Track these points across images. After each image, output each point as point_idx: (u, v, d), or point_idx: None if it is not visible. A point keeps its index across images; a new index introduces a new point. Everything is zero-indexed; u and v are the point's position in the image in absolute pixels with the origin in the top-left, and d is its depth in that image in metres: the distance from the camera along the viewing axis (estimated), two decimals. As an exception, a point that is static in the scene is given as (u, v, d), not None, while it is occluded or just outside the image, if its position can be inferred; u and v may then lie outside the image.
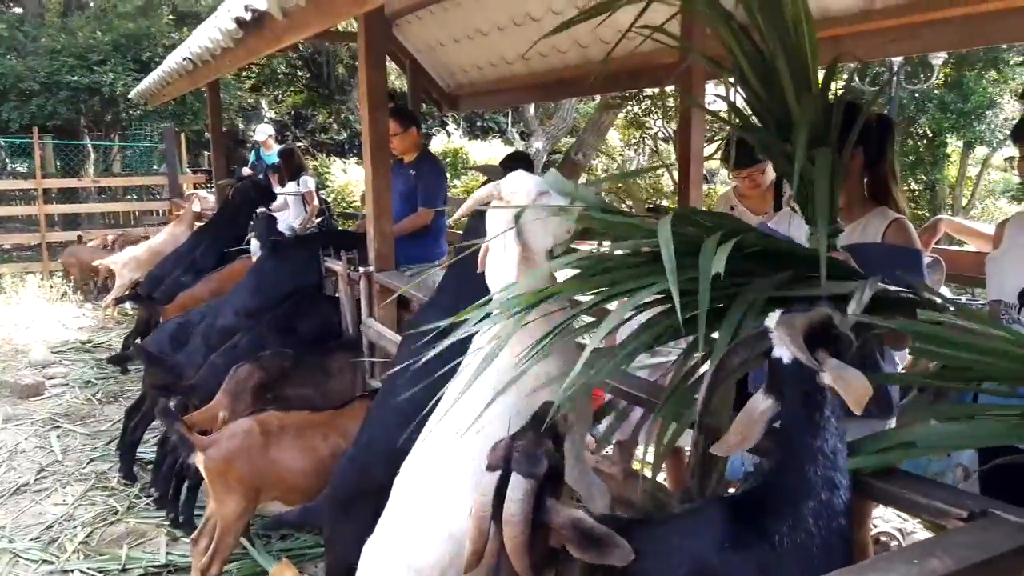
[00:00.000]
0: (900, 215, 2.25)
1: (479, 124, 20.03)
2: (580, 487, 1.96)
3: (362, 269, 3.88)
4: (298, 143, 16.12)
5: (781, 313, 1.39)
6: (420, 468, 2.07)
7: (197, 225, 7.33)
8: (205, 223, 6.99)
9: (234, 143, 15.49)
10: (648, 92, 11.41)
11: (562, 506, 1.39)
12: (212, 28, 4.68)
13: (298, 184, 7.14)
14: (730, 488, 1.96)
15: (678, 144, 4.53)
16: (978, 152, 15.00)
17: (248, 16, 3.78)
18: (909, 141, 13.49)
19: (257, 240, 4.93)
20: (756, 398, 1.40)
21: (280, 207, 6.94)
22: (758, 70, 1.82)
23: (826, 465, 1.31)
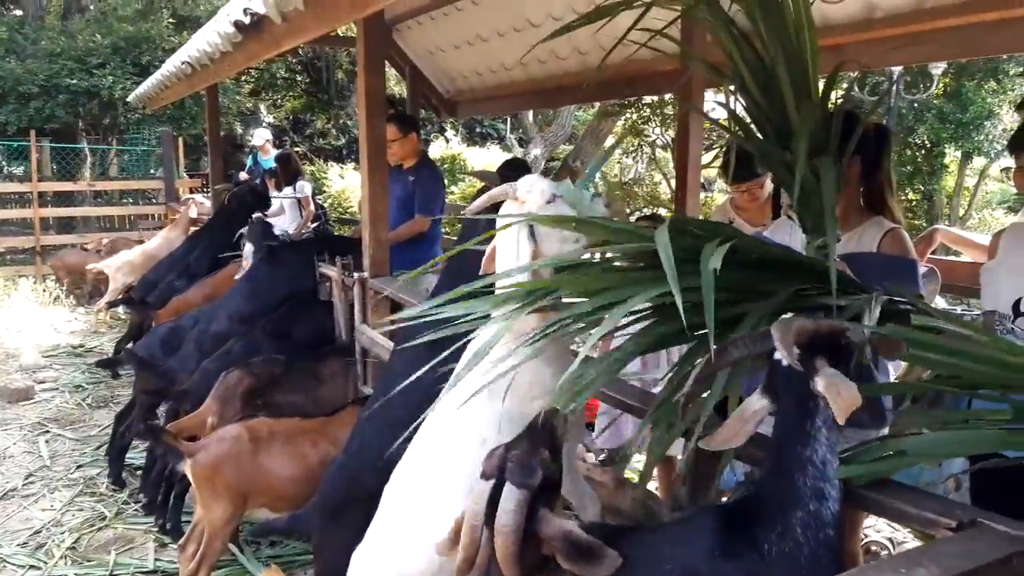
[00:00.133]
0: (896, 225, 2.24)
1: (478, 130, 20.08)
2: (571, 495, 1.95)
3: (356, 275, 3.86)
4: (296, 148, 16.17)
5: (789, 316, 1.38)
6: (410, 476, 2.06)
7: (192, 230, 7.31)
8: (200, 228, 6.98)
9: (232, 147, 15.48)
10: (647, 100, 11.44)
11: (554, 516, 1.38)
12: (211, 32, 4.66)
13: (294, 189, 7.13)
14: (723, 498, 1.94)
15: (676, 152, 4.53)
16: (976, 163, 15.02)
17: (247, 20, 3.76)
18: (907, 151, 13.50)
19: (251, 245, 4.91)
20: (752, 398, 1.41)
21: (276, 212, 6.93)
22: (758, 78, 1.82)
23: (815, 475, 1.30)
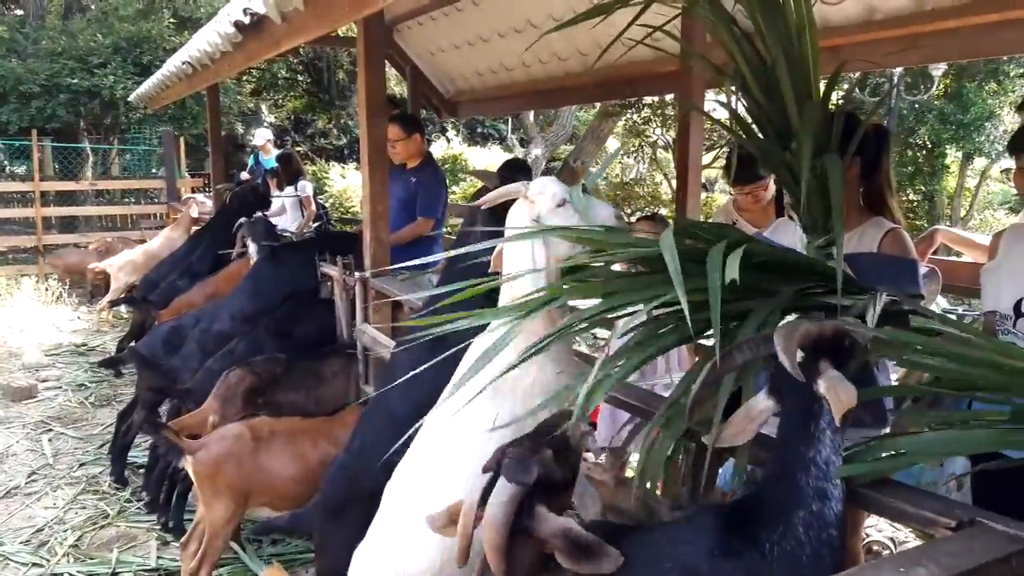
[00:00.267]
0: (896, 225, 2.25)
1: (479, 131, 20.08)
2: (572, 494, 1.95)
3: (358, 274, 3.87)
4: (297, 148, 16.17)
5: (794, 318, 1.38)
6: (412, 474, 2.06)
7: (194, 229, 7.32)
8: (202, 227, 6.99)
9: (233, 147, 15.49)
10: (647, 100, 11.45)
11: (552, 515, 1.39)
12: (211, 32, 4.67)
13: (296, 189, 7.14)
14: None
15: (677, 152, 4.52)
16: (977, 163, 15.01)
17: (247, 20, 3.76)
18: (908, 152, 13.49)
19: (253, 244, 4.92)
20: (757, 398, 1.41)
21: (278, 212, 6.94)
22: (759, 77, 1.82)
23: (818, 476, 1.30)
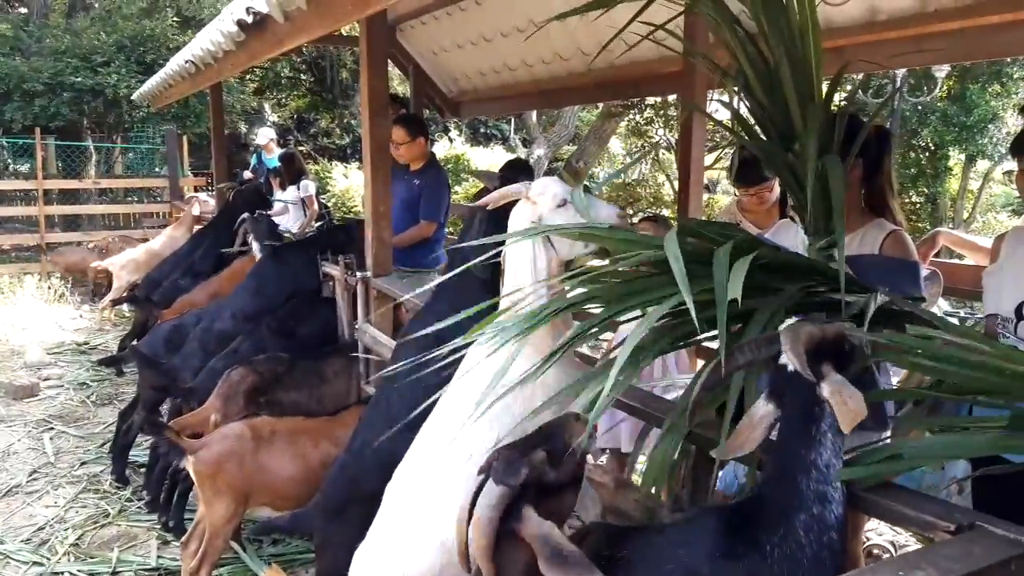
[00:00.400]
0: (898, 227, 2.24)
1: (482, 131, 20.08)
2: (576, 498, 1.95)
3: (359, 274, 3.87)
4: (300, 147, 16.16)
5: (796, 320, 1.38)
6: (413, 476, 2.06)
7: (196, 228, 7.33)
8: (204, 226, 6.99)
9: (236, 146, 15.50)
10: (650, 101, 11.44)
11: (537, 518, 1.36)
12: (214, 31, 4.67)
13: (298, 188, 7.14)
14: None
15: (679, 153, 4.51)
16: (980, 166, 14.96)
17: (250, 19, 3.76)
18: (911, 154, 13.45)
19: (256, 241, 4.93)
20: (758, 404, 1.41)
21: (280, 211, 6.95)
22: (762, 78, 1.82)
23: (819, 479, 1.30)
